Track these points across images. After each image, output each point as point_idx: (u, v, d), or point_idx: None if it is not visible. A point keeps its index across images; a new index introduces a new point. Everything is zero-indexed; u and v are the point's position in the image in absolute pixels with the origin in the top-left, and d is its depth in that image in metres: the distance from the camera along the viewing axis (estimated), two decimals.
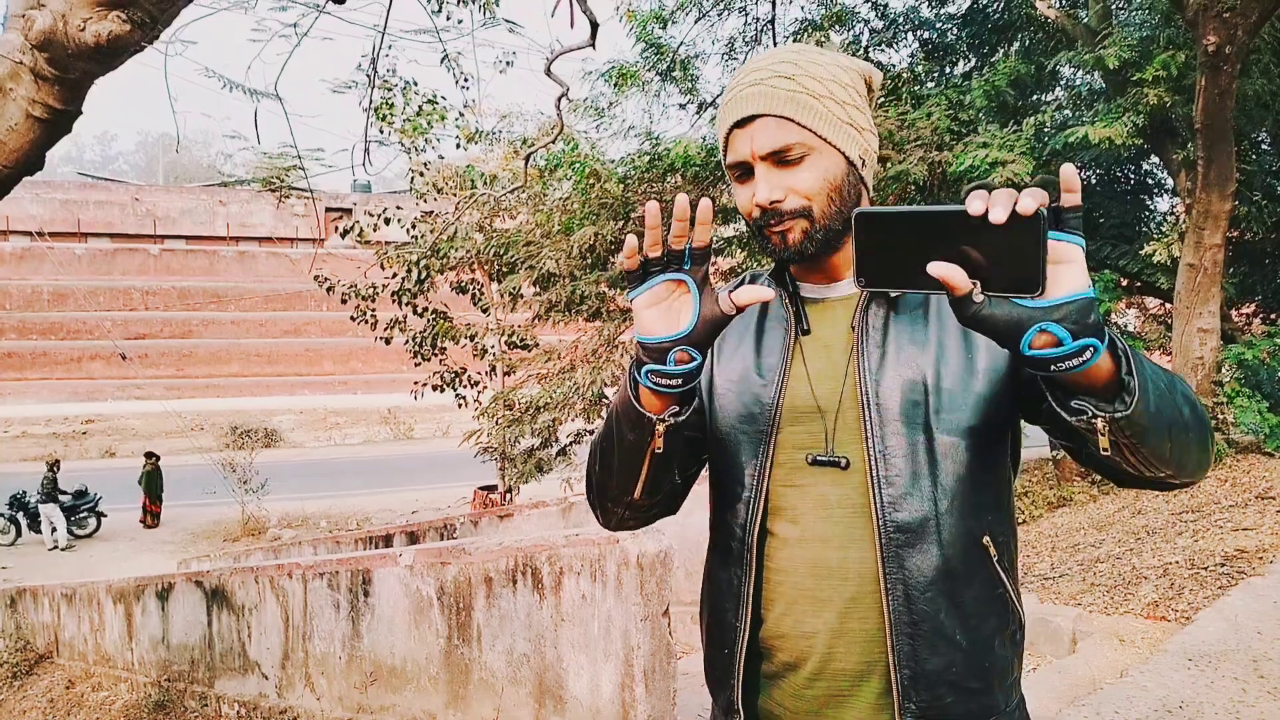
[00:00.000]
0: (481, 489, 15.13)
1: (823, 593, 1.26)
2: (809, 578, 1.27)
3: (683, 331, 1.09)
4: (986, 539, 1.23)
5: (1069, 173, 0.94)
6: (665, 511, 1.39)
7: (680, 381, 1.13)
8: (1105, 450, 1.00)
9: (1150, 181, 11.66)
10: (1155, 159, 10.75)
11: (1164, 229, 9.67)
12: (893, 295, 1.24)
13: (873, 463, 1.23)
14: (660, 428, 1.18)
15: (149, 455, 18.73)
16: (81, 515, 17.47)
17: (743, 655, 1.30)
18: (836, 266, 1.32)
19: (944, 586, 1.21)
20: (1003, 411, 1.23)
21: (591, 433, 12.26)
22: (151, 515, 18.24)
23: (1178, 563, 5.33)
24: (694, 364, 1.11)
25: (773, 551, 1.29)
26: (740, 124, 1.26)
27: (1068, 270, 0.94)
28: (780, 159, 1.24)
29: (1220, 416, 8.04)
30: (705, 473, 1.42)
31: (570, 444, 12.57)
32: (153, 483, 18.22)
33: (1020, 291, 0.95)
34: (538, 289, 11.51)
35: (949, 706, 1.21)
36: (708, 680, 1.39)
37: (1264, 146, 10.02)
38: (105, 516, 17.69)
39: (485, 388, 14.13)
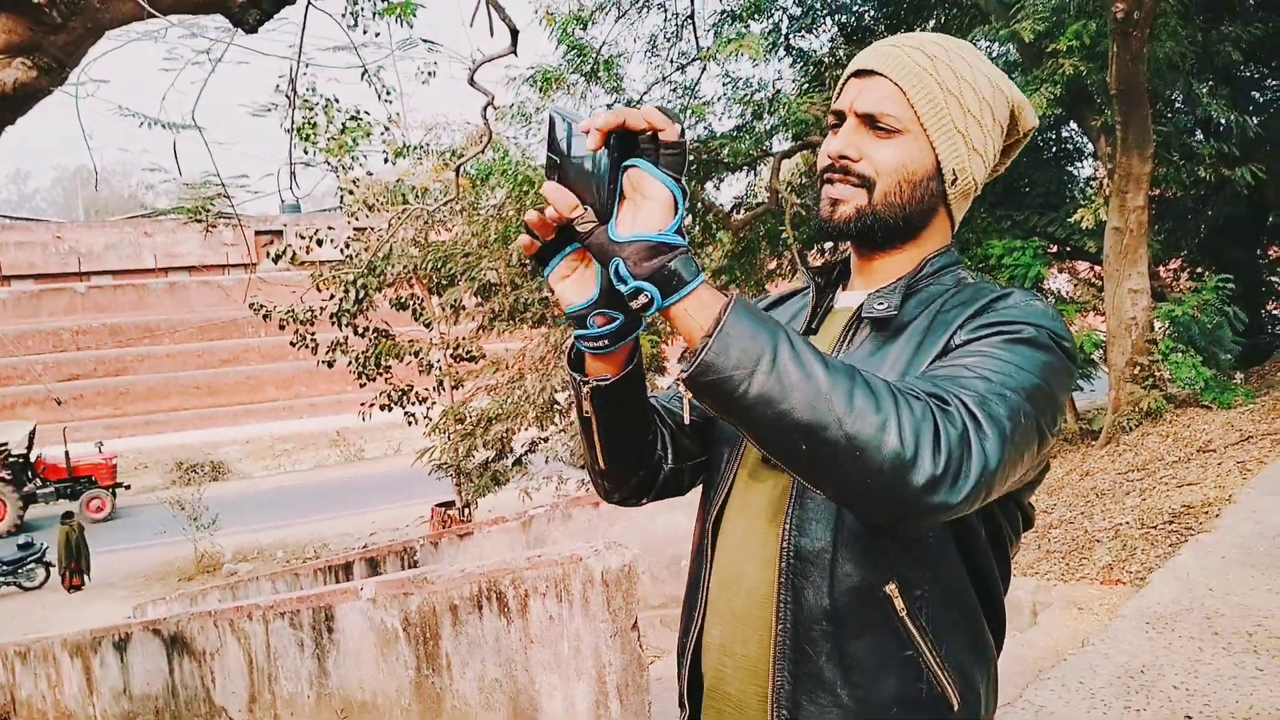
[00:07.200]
0: (439, 506, 14.97)
1: (720, 605, 1.24)
2: (715, 586, 1.25)
3: (591, 298, 1.10)
4: (891, 588, 1.10)
5: (650, 112, 0.95)
6: (653, 489, 1.35)
7: (606, 342, 1.12)
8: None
9: (1071, 148, 11.92)
10: (1075, 126, 10.98)
11: (1089, 194, 9.89)
12: (877, 313, 1.18)
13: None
14: (585, 389, 1.18)
15: (66, 517, 16.91)
16: (29, 567, 16.98)
17: (689, 653, 1.29)
18: (885, 270, 1.26)
19: (828, 629, 1.11)
20: None
21: (546, 440, 12.20)
22: (76, 575, 16.42)
23: (1128, 523, 5.46)
24: (615, 324, 1.12)
25: (717, 552, 1.27)
26: (859, 74, 1.22)
27: (645, 207, 0.96)
28: (873, 124, 1.19)
29: (1157, 374, 8.25)
30: None
31: (525, 453, 12.49)
32: (75, 550, 16.37)
33: (601, 221, 0.98)
34: (480, 300, 11.42)
35: None
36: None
37: (1178, 105, 10.28)
38: (53, 566, 17.18)
39: (434, 403, 13.98)
